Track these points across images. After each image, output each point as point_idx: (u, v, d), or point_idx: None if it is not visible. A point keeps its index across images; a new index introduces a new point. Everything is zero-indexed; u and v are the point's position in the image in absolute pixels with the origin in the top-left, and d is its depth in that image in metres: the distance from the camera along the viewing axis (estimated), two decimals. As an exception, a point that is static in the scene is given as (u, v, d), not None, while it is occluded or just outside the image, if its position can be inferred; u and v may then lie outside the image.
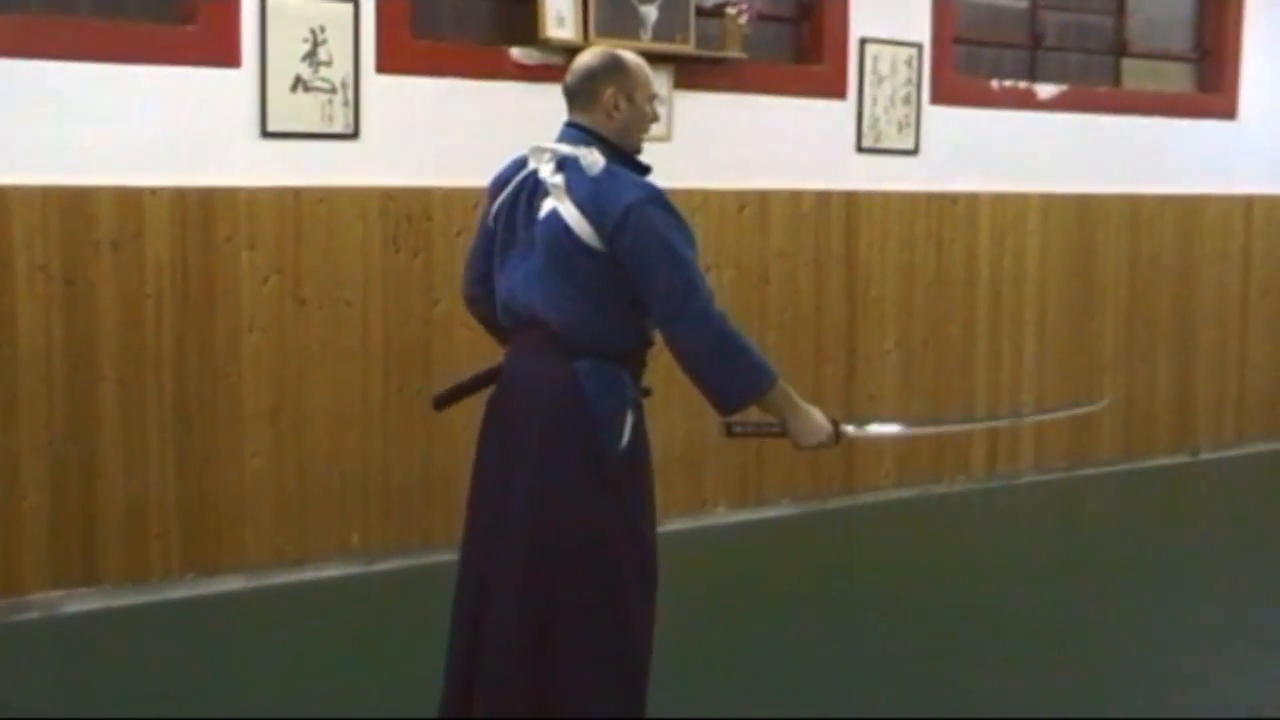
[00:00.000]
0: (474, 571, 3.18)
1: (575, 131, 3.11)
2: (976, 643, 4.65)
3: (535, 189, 3.09)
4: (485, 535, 3.15)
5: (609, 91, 3.08)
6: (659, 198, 3.00)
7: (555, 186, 3.01)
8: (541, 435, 3.04)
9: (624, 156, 3.11)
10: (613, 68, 3.10)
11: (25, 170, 4.60)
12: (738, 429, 3.22)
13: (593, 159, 3.01)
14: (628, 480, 3.09)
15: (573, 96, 3.14)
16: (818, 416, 3.12)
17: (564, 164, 3.03)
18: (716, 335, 2.99)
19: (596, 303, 3.01)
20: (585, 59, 3.14)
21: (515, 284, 3.11)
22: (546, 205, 3.03)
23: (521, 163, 3.17)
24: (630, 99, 3.10)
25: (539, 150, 3.10)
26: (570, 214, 2.98)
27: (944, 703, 4.13)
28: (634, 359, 3.12)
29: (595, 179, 2.99)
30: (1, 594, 4.65)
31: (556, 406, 3.03)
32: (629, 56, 3.14)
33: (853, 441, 6.29)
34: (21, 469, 4.65)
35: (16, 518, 4.66)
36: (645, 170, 3.14)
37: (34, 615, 4.68)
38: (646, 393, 3.18)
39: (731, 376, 3.01)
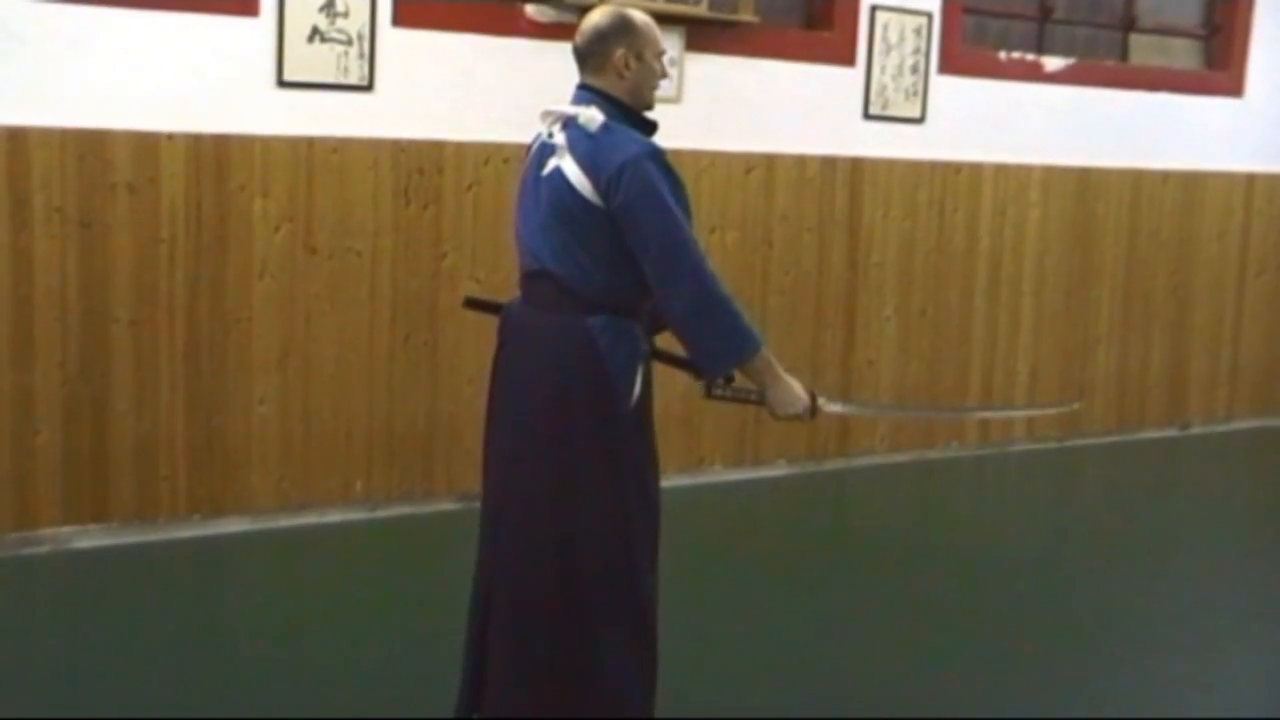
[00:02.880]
0: (487, 537, 3.26)
1: (583, 93, 3.16)
2: (965, 605, 4.73)
3: (545, 150, 3.15)
4: (499, 502, 3.22)
5: (619, 52, 3.12)
6: (656, 155, 3.04)
7: (558, 146, 3.08)
8: (555, 391, 3.09)
9: (631, 115, 3.15)
10: (622, 27, 3.13)
11: (44, 113, 4.66)
12: (717, 392, 3.27)
13: (590, 115, 3.06)
14: (636, 434, 3.16)
15: (583, 58, 3.18)
16: (797, 389, 3.19)
17: (568, 124, 3.09)
18: (706, 295, 3.01)
19: (600, 257, 3.06)
20: (594, 20, 3.17)
21: (528, 236, 3.17)
22: (551, 163, 3.09)
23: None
24: (640, 57, 3.14)
25: (548, 113, 3.15)
26: (572, 170, 3.04)
27: (933, 662, 4.22)
28: (641, 312, 3.15)
29: (594, 136, 3.04)
30: (14, 528, 4.75)
31: (570, 362, 3.07)
32: (636, 15, 3.17)
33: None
34: (35, 406, 4.74)
35: (29, 454, 4.75)
36: (652, 128, 3.18)
37: (44, 549, 4.78)
38: (652, 347, 3.24)
39: (717, 338, 3.06)
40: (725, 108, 5.93)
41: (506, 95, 5.40)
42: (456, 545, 3.39)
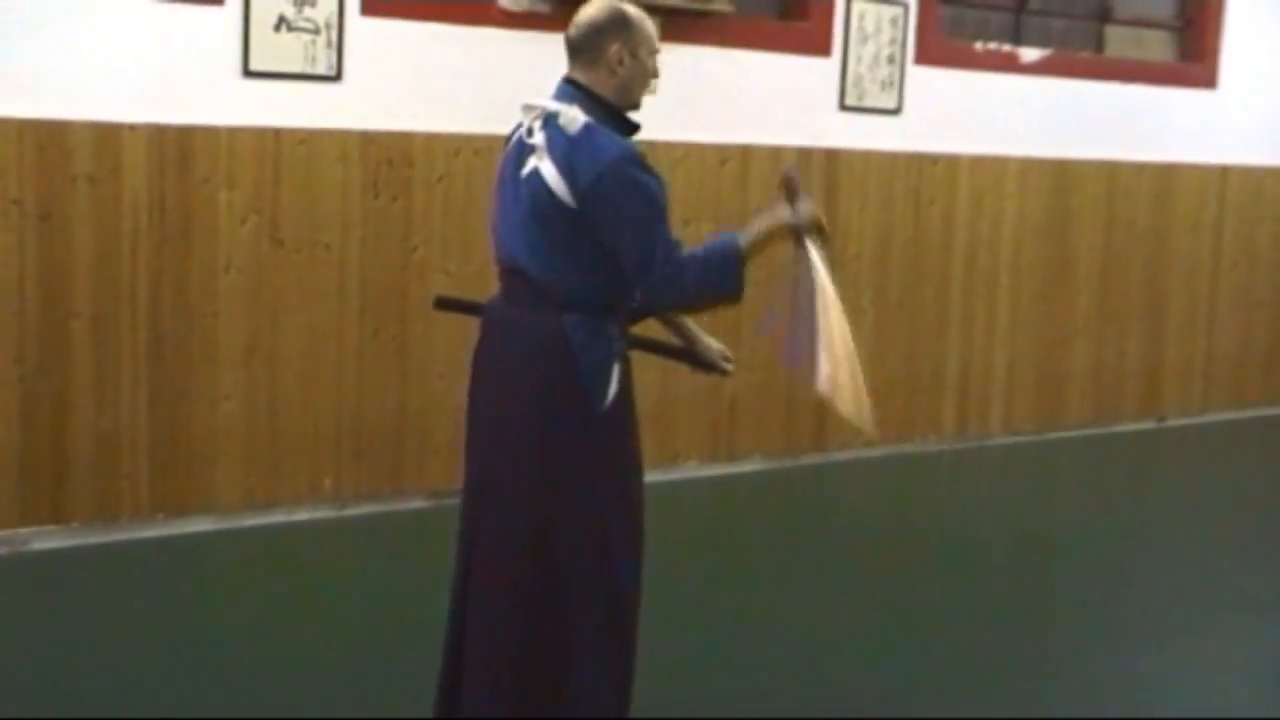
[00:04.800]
0: (465, 534, 3.21)
1: (568, 88, 3.09)
2: (943, 599, 4.69)
3: (523, 147, 3.08)
4: (475, 498, 3.17)
5: (614, 48, 3.06)
6: (635, 158, 2.99)
7: (537, 146, 3.01)
8: (529, 388, 3.04)
9: (613, 114, 3.09)
10: (618, 23, 3.08)
11: (2, 102, 4.54)
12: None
13: (571, 116, 2.99)
14: (616, 434, 3.11)
15: (575, 50, 3.11)
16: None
17: (547, 121, 3.03)
18: (692, 283, 3.01)
19: (576, 258, 3.02)
20: (590, 12, 3.10)
21: (506, 232, 3.12)
22: (530, 163, 3.03)
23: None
24: (634, 55, 3.08)
25: (529, 107, 3.09)
26: (549, 172, 2.98)
27: (912, 657, 4.19)
28: (617, 311, 3.12)
29: (573, 137, 2.98)
30: (-30, 529, 4.64)
31: (544, 360, 3.04)
32: (633, 11, 3.11)
33: (825, 404, 6.36)
34: (-8, 404, 4.63)
35: (-14, 453, 4.64)
36: (633, 129, 3.13)
37: (1, 552, 4.66)
38: (631, 345, 3.20)
39: (720, 286, 3.06)
40: (700, 98, 5.86)
41: (477, 86, 5.32)
42: (427, 544, 3.35)
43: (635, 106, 3.14)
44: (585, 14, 3.11)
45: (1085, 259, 7.17)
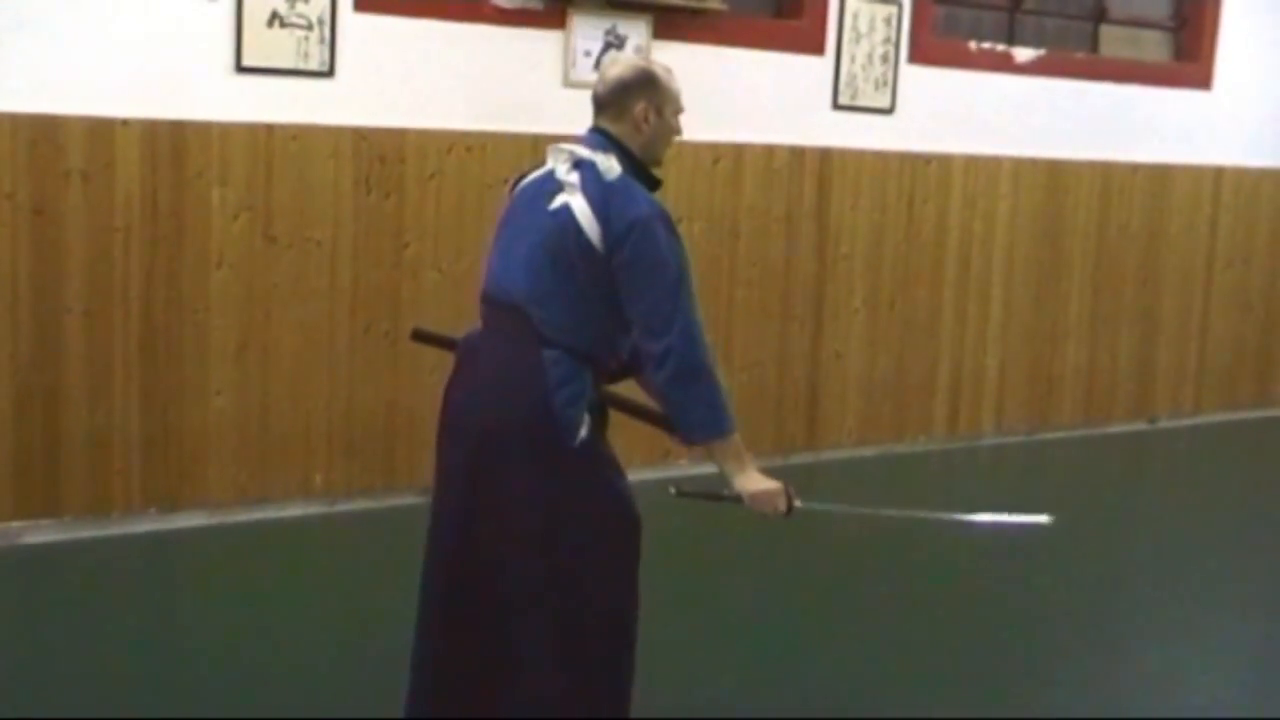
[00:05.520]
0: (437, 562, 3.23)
1: (598, 137, 3.11)
2: (934, 600, 4.70)
3: (547, 185, 3.09)
4: (448, 528, 3.18)
5: (640, 106, 3.09)
6: (666, 218, 3.03)
7: (570, 184, 3.03)
8: (500, 416, 3.04)
9: (639, 168, 3.12)
10: (645, 81, 3.11)
11: (-5, 97, 4.55)
12: (688, 489, 3.26)
13: (609, 164, 3.02)
14: (586, 477, 3.07)
15: (602, 106, 3.14)
16: (772, 486, 3.15)
17: (580, 164, 3.05)
18: (697, 361, 2.99)
19: (581, 302, 3.02)
20: (617, 70, 3.13)
21: (503, 268, 3.11)
22: (560, 199, 3.03)
23: (542, 164, 3.17)
24: (660, 113, 3.11)
25: (558, 150, 3.10)
26: (582, 211, 2.99)
27: (901, 658, 4.19)
28: (598, 364, 3.10)
29: (610, 184, 3.00)
30: (-39, 522, 4.65)
31: (515, 388, 3.02)
32: (660, 70, 3.15)
33: (816, 399, 6.38)
34: (-16, 398, 4.64)
35: (-22, 447, 4.65)
36: (657, 184, 3.16)
37: (-6, 545, 4.68)
38: (608, 401, 3.16)
39: (699, 406, 3.02)
40: (692, 96, 5.71)
41: (470, 83, 5.33)
42: (418, 539, 3.34)
43: (658, 163, 3.18)
44: (613, 71, 3.14)
45: (1078, 260, 7.17)
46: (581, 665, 3.11)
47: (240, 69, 4.91)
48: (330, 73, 5.07)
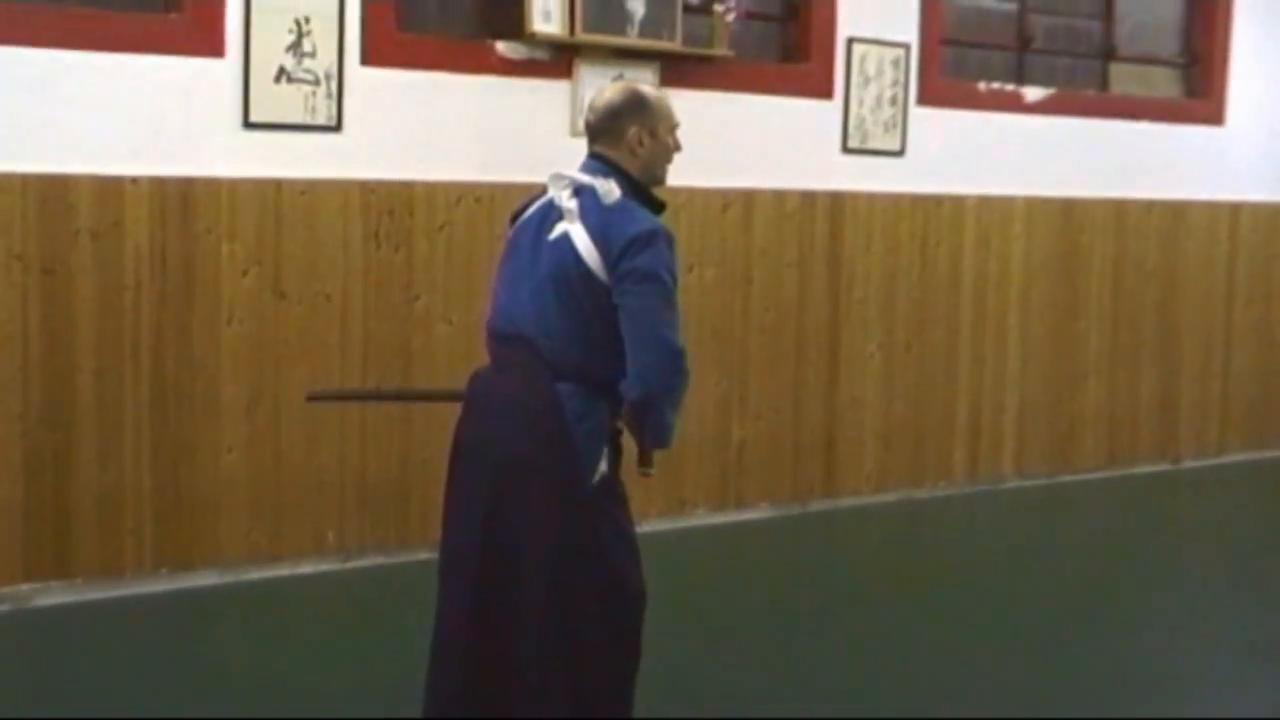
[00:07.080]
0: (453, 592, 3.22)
1: (596, 163, 3.13)
2: (955, 647, 4.63)
3: (549, 214, 3.11)
4: (467, 559, 3.15)
5: (633, 130, 3.12)
6: (665, 235, 3.04)
7: (569, 210, 3.04)
8: (518, 455, 3.04)
9: (640, 191, 3.14)
10: (636, 105, 3.13)
11: (4, 157, 4.55)
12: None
13: (608, 189, 3.04)
14: (600, 515, 3.08)
15: (596, 134, 3.16)
16: None
17: (580, 191, 3.06)
18: (677, 377, 3.02)
19: (586, 330, 3.03)
20: (607, 96, 3.16)
21: (510, 301, 3.12)
22: (559, 228, 3.05)
23: (542, 193, 3.19)
24: (654, 134, 3.14)
25: (558, 177, 3.12)
26: (581, 239, 3.01)
27: (923, 705, 4.12)
28: (613, 394, 3.09)
29: (609, 208, 3.02)
30: (-29, 585, 4.61)
31: (535, 424, 3.03)
32: (650, 92, 3.18)
33: (833, 445, 6.31)
34: (-6, 459, 4.61)
35: (-12, 508, 4.62)
36: (660, 207, 3.17)
37: (4, 608, 4.63)
38: (619, 432, 3.17)
39: (663, 430, 3.07)
40: (701, 143, 5.77)
41: (478, 134, 5.32)
42: (432, 595, 3.30)
43: (659, 183, 3.19)
44: (603, 98, 3.16)
45: (1095, 299, 7.12)
46: (586, 678, 3.11)
47: (248, 125, 4.91)
48: (338, 127, 5.07)
